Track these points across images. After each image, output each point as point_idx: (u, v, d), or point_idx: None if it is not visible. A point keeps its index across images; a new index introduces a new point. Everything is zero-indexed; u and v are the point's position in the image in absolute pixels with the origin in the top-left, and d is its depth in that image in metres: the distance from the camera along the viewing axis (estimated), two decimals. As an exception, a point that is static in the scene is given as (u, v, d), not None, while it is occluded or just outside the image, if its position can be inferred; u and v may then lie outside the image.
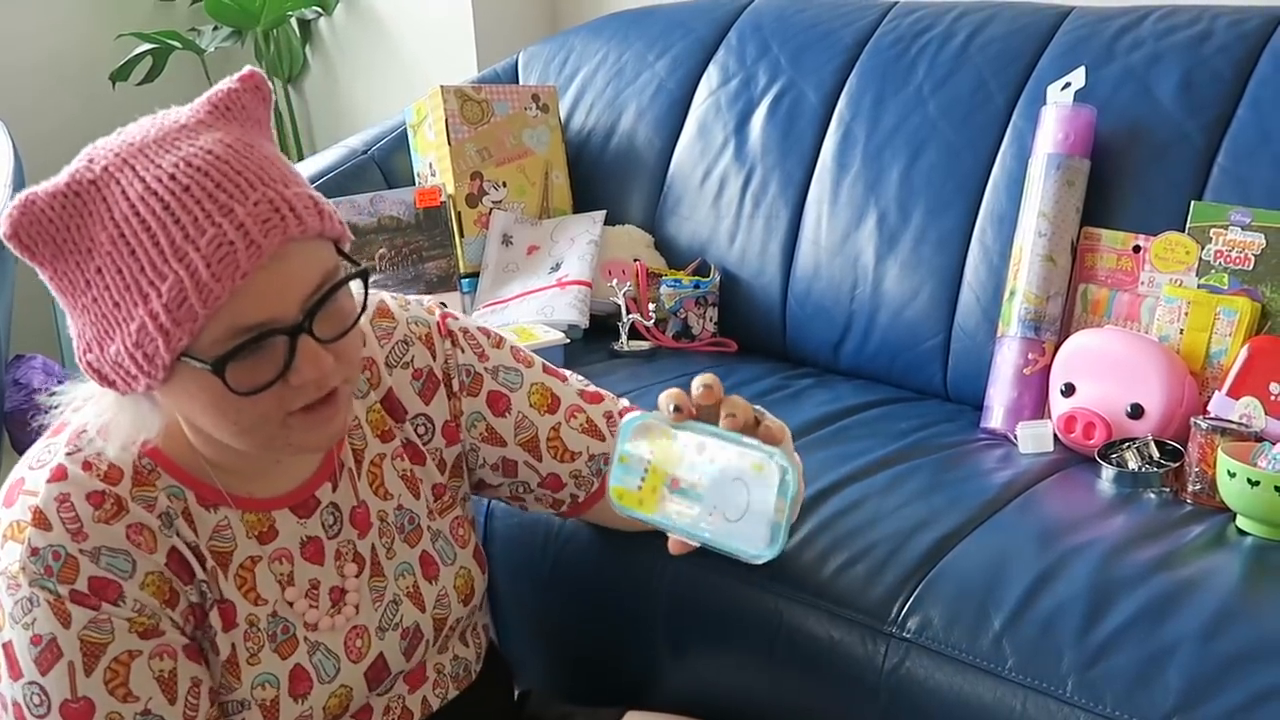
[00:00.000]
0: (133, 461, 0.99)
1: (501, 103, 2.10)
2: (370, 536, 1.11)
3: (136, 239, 0.87)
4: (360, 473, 1.12)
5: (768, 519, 0.84)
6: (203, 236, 0.87)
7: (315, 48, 3.15)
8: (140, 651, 0.96)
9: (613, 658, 1.46)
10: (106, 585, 0.95)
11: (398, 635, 1.12)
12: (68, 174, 0.90)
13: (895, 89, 1.85)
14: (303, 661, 1.06)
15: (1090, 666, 1.10)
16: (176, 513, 1.00)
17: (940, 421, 1.61)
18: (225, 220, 0.87)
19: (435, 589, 1.15)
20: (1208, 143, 1.58)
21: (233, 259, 0.87)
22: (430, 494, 1.17)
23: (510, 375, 1.20)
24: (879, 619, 1.22)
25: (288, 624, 1.05)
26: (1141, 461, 1.42)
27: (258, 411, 0.93)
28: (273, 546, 1.05)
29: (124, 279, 0.88)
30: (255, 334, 0.89)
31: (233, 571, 1.03)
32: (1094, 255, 1.60)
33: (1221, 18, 1.67)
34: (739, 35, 2.08)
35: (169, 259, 0.87)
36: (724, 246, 1.97)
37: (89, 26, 3.13)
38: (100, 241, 0.88)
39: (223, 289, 0.87)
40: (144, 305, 0.88)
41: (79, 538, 0.95)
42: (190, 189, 0.87)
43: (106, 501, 0.96)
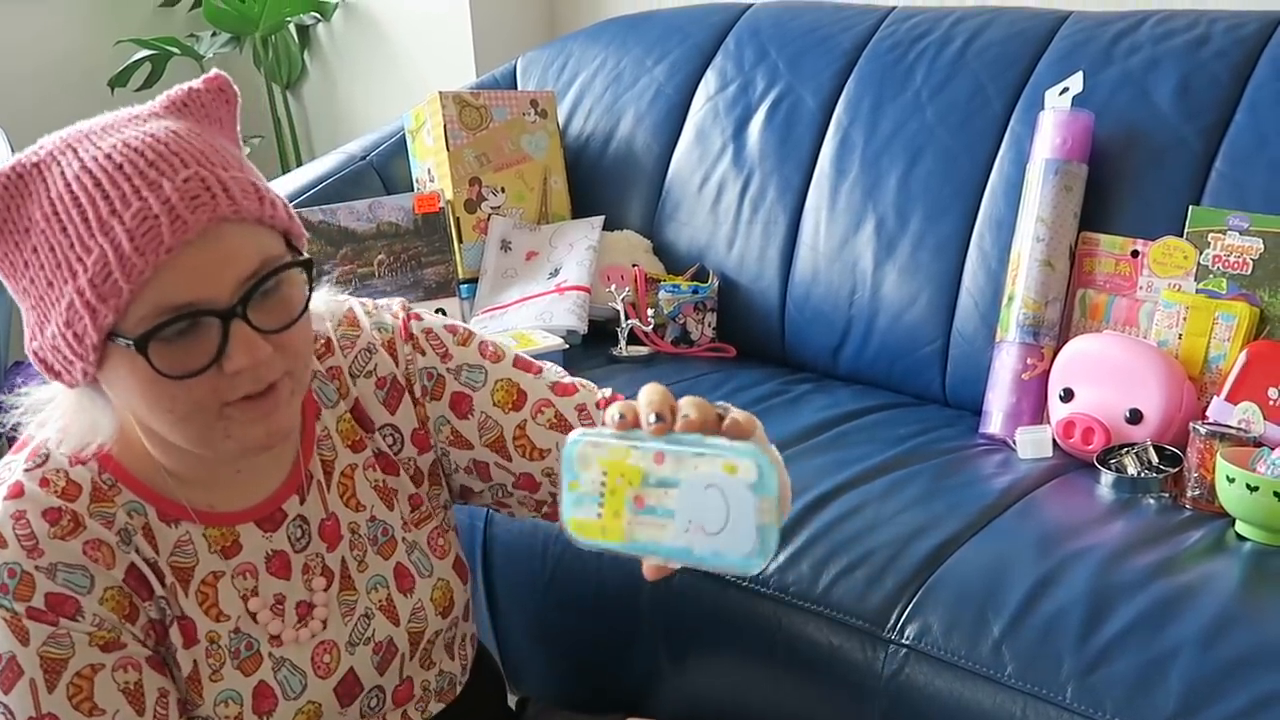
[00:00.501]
0: (92, 478, 0.98)
1: (500, 108, 2.10)
2: (340, 549, 1.09)
3: (68, 215, 0.87)
4: (330, 484, 1.09)
5: (753, 524, 0.74)
6: (128, 210, 0.86)
7: (314, 54, 3.15)
8: (103, 665, 0.95)
9: (612, 665, 1.46)
10: (64, 601, 0.94)
11: (369, 650, 1.09)
12: (14, 159, 0.90)
13: (893, 94, 1.85)
14: (267, 678, 1.04)
15: (1090, 672, 1.10)
16: (136, 529, 0.99)
17: (939, 427, 1.61)
18: (152, 195, 0.86)
19: (410, 601, 1.12)
20: (1205, 147, 1.58)
21: (156, 233, 0.85)
22: (406, 505, 1.14)
23: (473, 374, 1.14)
24: (878, 625, 1.22)
25: (251, 640, 1.03)
26: (1140, 467, 1.42)
27: (192, 399, 0.90)
28: (236, 561, 1.03)
29: (55, 256, 0.88)
30: (183, 313, 0.87)
31: (193, 588, 1.01)
32: (1092, 260, 1.60)
33: (1219, 22, 1.67)
34: (737, 40, 2.08)
35: (95, 233, 0.86)
36: (722, 252, 1.97)
37: (88, 32, 3.13)
38: (36, 220, 0.88)
39: (145, 263, 0.85)
40: (72, 282, 0.87)
41: (34, 554, 0.94)
42: (123, 166, 0.87)
43: (63, 518, 0.95)
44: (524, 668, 1.56)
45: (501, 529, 1.53)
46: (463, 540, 1.54)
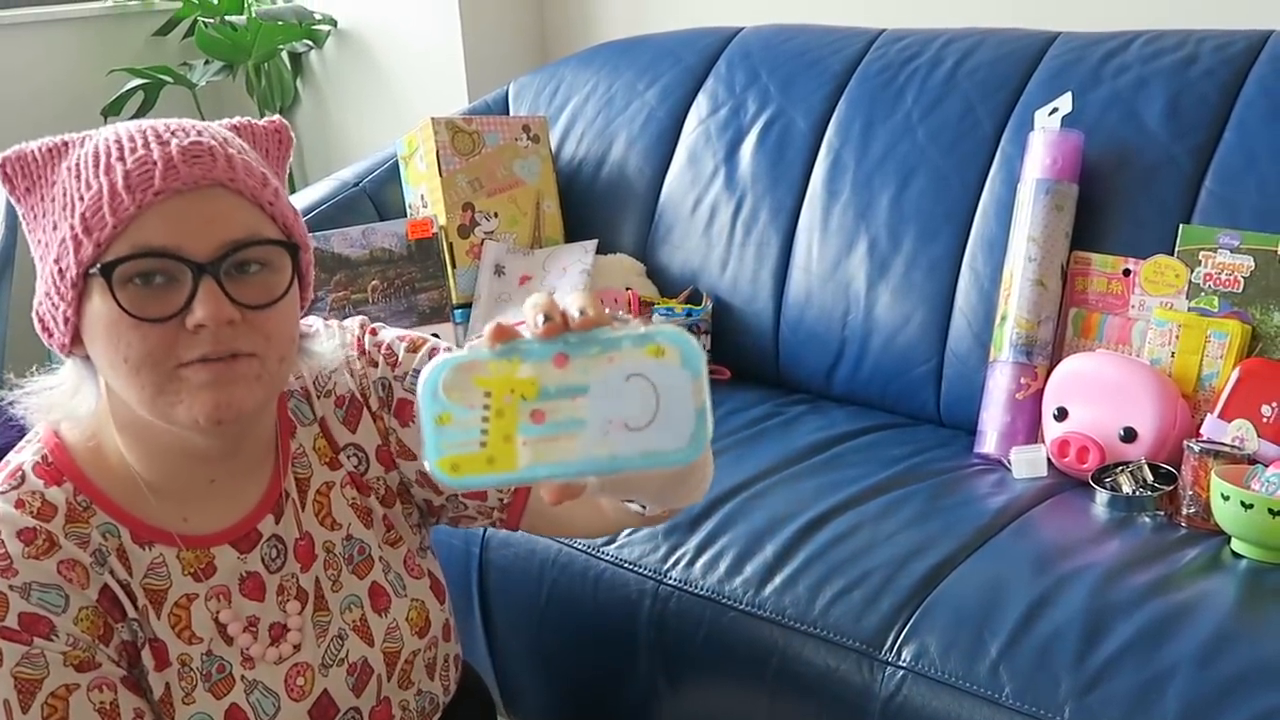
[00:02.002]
0: (67, 499, 0.98)
1: (492, 133, 2.11)
2: (314, 569, 1.08)
3: (84, 163, 0.94)
4: (305, 502, 1.09)
5: (690, 407, 0.65)
6: (132, 156, 0.92)
7: (306, 81, 3.16)
8: (78, 684, 0.95)
9: (610, 686, 1.45)
10: (37, 620, 0.94)
11: (344, 671, 1.08)
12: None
13: (884, 116, 1.86)
14: (239, 701, 1.03)
15: (1087, 692, 1.10)
16: (109, 550, 0.99)
17: (933, 447, 1.61)
18: (157, 147, 0.93)
19: (385, 621, 1.11)
20: (1195, 166, 1.58)
21: (149, 175, 0.91)
22: (381, 525, 1.13)
23: (417, 378, 1.10)
24: (875, 647, 1.22)
25: (223, 663, 1.03)
26: (1135, 485, 1.42)
27: (147, 347, 0.91)
28: (210, 584, 1.03)
29: (64, 198, 0.94)
30: (155, 253, 0.91)
31: (166, 610, 1.01)
32: (1084, 279, 1.61)
33: (1207, 41, 1.68)
34: (728, 64, 2.09)
35: (99, 174, 0.92)
36: (716, 274, 1.97)
37: (81, 61, 3.14)
38: (60, 172, 0.95)
39: (132, 201, 0.90)
40: (69, 219, 0.93)
41: (8, 574, 0.94)
42: (145, 130, 0.95)
43: (38, 538, 0.96)
44: (521, 691, 1.56)
45: (498, 553, 1.52)
46: (459, 565, 1.54)
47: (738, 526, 1.40)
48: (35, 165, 0.97)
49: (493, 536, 1.52)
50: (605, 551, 1.43)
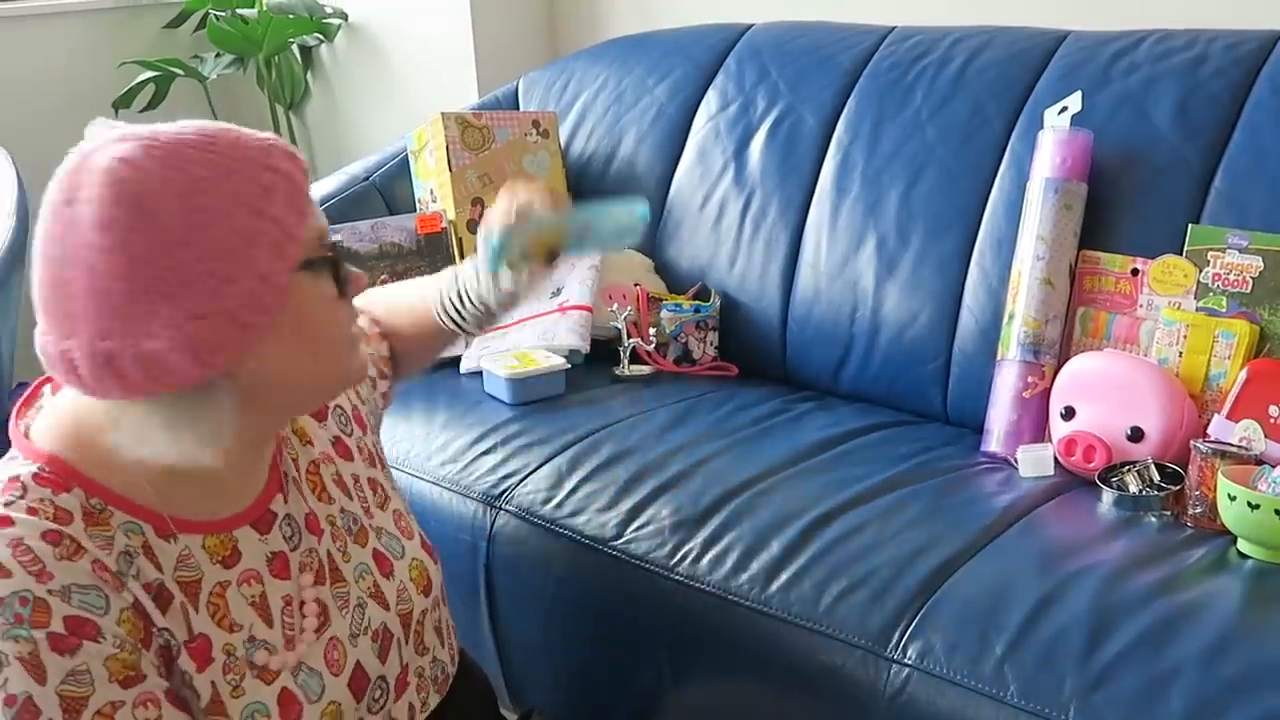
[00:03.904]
0: (80, 503, 0.94)
1: (502, 129, 2.11)
2: (325, 543, 1.10)
3: (227, 166, 0.91)
4: (301, 481, 1.11)
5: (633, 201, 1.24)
6: (271, 149, 0.94)
7: (317, 74, 3.17)
8: (123, 702, 0.91)
9: (616, 682, 1.46)
10: (83, 623, 0.90)
11: (369, 639, 1.10)
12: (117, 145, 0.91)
13: (893, 114, 1.86)
14: (288, 684, 1.03)
15: (1093, 691, 1.10)
16: (136, 549, 0.96)
17: (940, 445, 1.61)
18: (271, 139, 0.95)
19: (394, 584, 1.14)
20: (1204, 166, 1.58)
21: (298, 164, 0.95)
22: (368, 489, 1.17)
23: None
24: (880, 645, 1.23)
25: (267, 646, 1.02)
26: (1142, 485, 1.42)
27: (345, 321, 1.01)
28: (239, 569, 1.02)
29: (237, 201, 0.90)
30: (326, 239, 0.97)
31: (204, 601, 0.99)
32: (1092, 278, 1.61)
33: (1217, 41, 1.67)
34: (737, 60, 2.09)
35: (262, 172, 0.92)
36: (724, 271, 1.97)
37: (92, 54, 3.15)
38: (194, 181, 0.90)
39: (306, 190, 0.95)
40: (264, 219, 0.91)
41: (44, 578, 0.90)
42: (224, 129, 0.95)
43: (64, 540, 0.92)
44: (527, 684, 1.56)
45: (505, 547, 1.53)
46: (465, 559, 1.55)
47: (744, 523, 1.40)
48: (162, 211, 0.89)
49: (500, 532, 1.52)
50: (612, 546, 1.43)
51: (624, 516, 1.46)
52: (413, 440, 1.69)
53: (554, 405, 1.72)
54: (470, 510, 1.56)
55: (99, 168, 0.88)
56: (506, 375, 1.73)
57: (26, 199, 2.26)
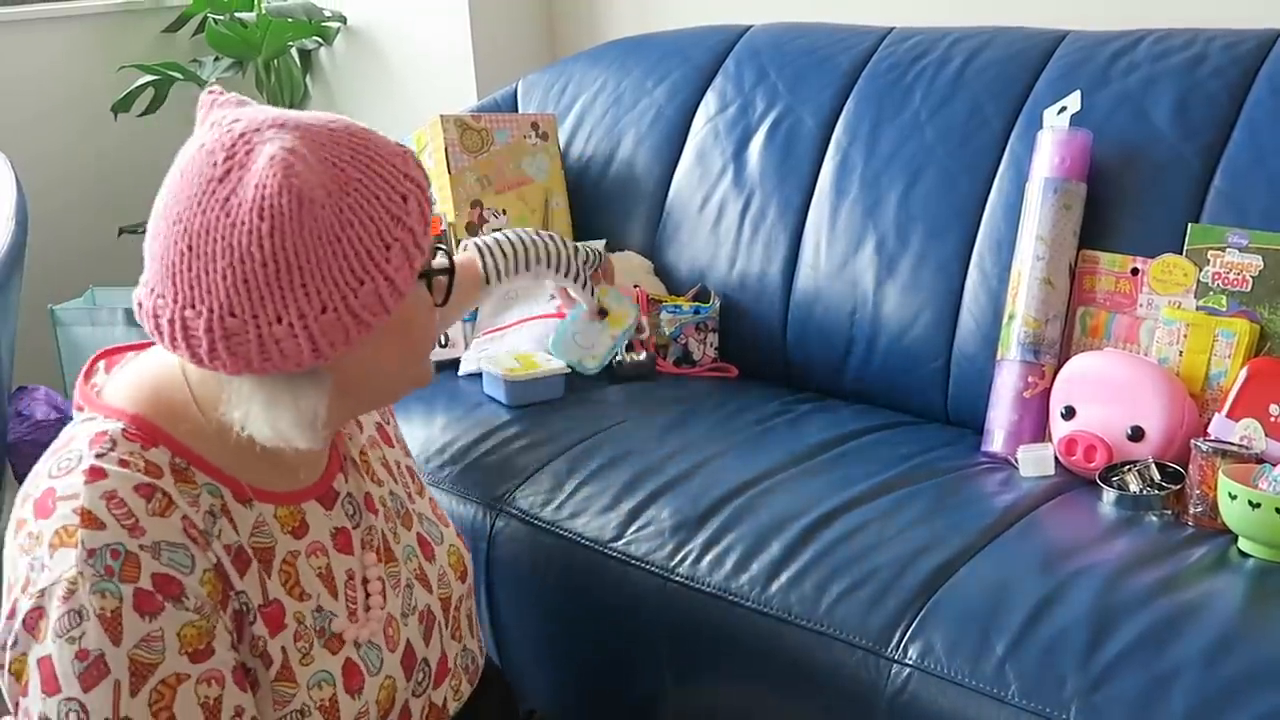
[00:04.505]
0: (169, 460, 0.97)
1: (501, 131, 2.11)
2: (380, 521, 1.13)
3: (373, 170, 0.94)
4: (357, 461, 1.15)
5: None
6: (407, 159, 0.97)
7: (316, 77, 3.17)
8: (189, 675, 0.93)
9: (616, 682, 1.46)
10: (169, 581, 0.92)
11: (416, 619, 1.13)
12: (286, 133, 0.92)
13: (892, 114, 1.86)
14: (352, 655, 1.05)
15: (1094, 691, 1.10)
16: (218, 511, 0.99)
17: (941, 445, 1.61)
18: (404, 149, 0.99)
19: (435, 569, 1.17)
20: (1204, 165, 1.58)
21: (426, 177, 0.99)
22: (407, 476, 1.22)
23: None
24: (881, 645, 1.22)
25: (333, 617, 1.05)
26: (1142, 484, 1.42)
27: (430, 333, 1.06)
28: (307, 540, 1.05)
29: (379, 206, 0.93)
30: (438, 251, 1.02)
31: (276, 568, 1.02)
32: (1092, 278, 1.61)
33: (1216, 40, 1.67)
34: (736, 62, 2.09)
35: (402, 181, 0.95)
36: (724, 272, 1.97)
37: (91, 58, 3.15)
38: (346, 182, 0.93)
39: (430, 202, 0.98)
40: (399, 226, 0.94)
41: (136, 532, 0.92)
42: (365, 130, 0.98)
43: (156, 494, 0.94)
44: (528, 685, 1.56)
45: (505, 549, 1.53)
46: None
47: (745, 523, 1.40)
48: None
49: (499, 532, 1.52)
50: (612, 547, 1.43)
51: (624, 518, 1.45)
52: (412, 442, 1.69)
53: (553, 407, 1.72)
54: (470, 512, 1.56)
55: (268, 154, 0.90)
56: (506, 377, 1.73)
57: (25, 203, 2.26)
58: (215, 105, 0.98)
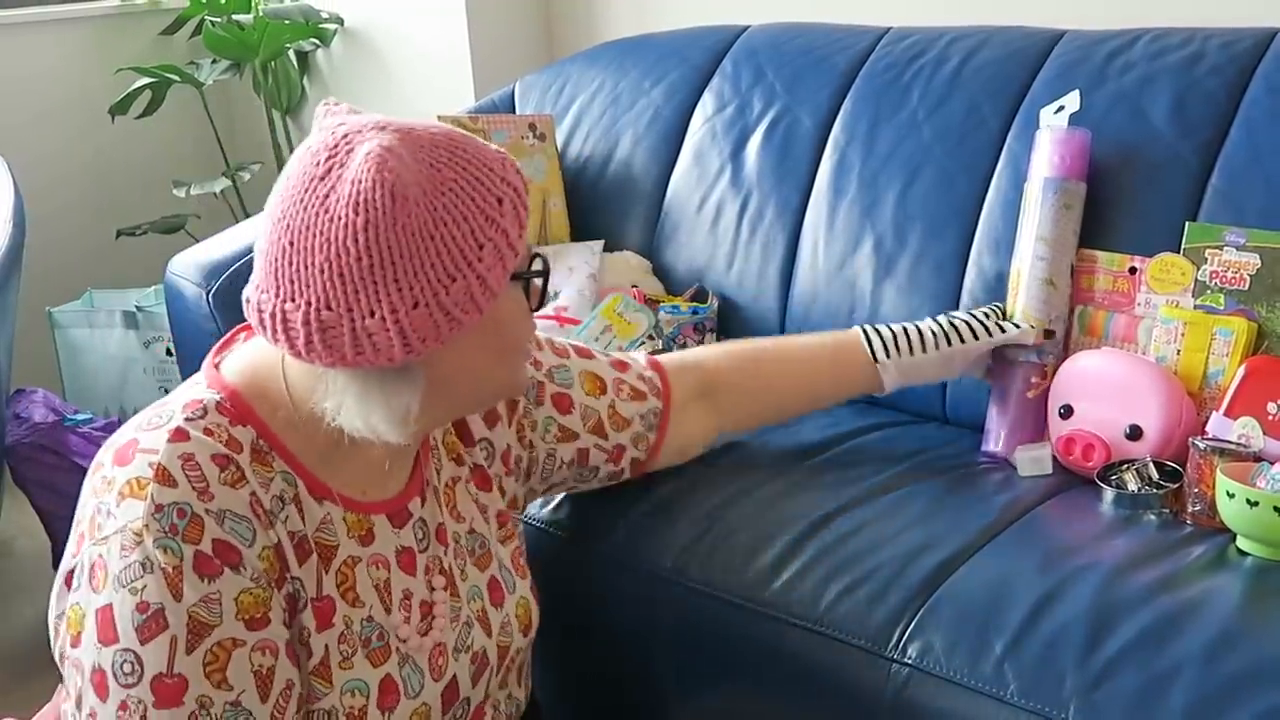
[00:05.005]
0: (252, 440, 1.00)
1: (499, 131, 2.11)
2: (449, 556, 1.13)
3: (469, 171, 0.95)
4: (440, 491, 1.15)
5: None
6: (505, 163, 0.98)
7: (313, 79, 3.17)
8: (244, 642, 0.95)
9: (617, 685, 1.46)
10: (229, 549, 0.95)
11: (468, 658, 1.13)
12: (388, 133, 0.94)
13: (890, 114, 1.86)
14: (393, 672, 1.06)
15: (1093, 690, 1.10)
16: (289, 498, 1.01)
17: (940, 445, 1.61)
18: (500, 153, 1.00)
19: (500, 615, 1.17)
20: (1201, 164, 1.58)
21: (522, 180, 1.00)
22: (495, 521, 1.21)
23: (562, 373, 1.30)
24: (880, 645, 1.22)
25: (382, 631, 1.06)
26: (1141, 483, 1.42)
27: (523, 338, 1.06)
28: (371, 550, 1.06)
29: (473, 206, 0.95)
30: (535, 255, 1.03)
31: (334, 567, 1.03)
32: (1090, 277, 1.61)
33: (1213, 39, 1.68)
34: (733, 62, 2.09)
35: (497, 183, 0.97)
36: (721, 272, 1.97)
37: (88, 60, 3.15)
38: (443, 181, 0.94)
39: (528, 207, 0.99)
40: (493, 226, 0.96)
41: (205, 497, 0.95)
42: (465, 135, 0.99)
43: (230, 465, 0.97)
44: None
45: (503, 551, 1.53)
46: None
47: (744, 523, 1.40)
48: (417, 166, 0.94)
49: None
50: (613, 547, 1.43)
51: (623, 518, 1.45)
52: (411, 444, 1.69)
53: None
54: (469, 513, 1.56)
55: (364, 151, 0.92)
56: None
57: (23, 205, 2.26)
58: (329, 114, 1.01)
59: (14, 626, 2.34)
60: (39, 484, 2.28)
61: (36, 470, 2.28)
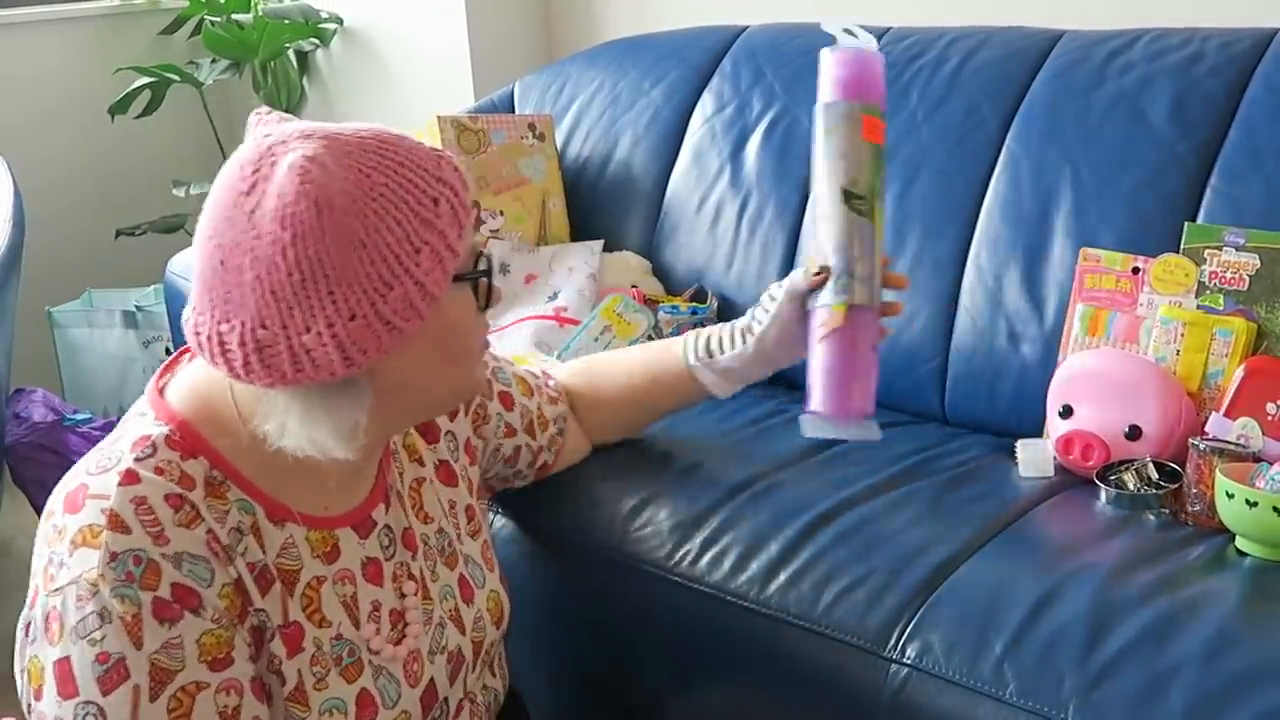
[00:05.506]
0: (205, 472, 0.98)
1: (498, 131, 2.11)
2: (418, 559, 1.13)
3: (401, 174, 0.93)
4: (404, 495, 1.14)
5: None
6: (441, 162, 0.96)
7: (313, 79, 3.17)
8: (208, 684, 0.94)
9: (615, 682, 1.46)
10: (188, 593, 0.93)
11: (444, 659, 1.13)
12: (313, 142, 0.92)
13: (889, 114, 1.85)
14: (368, 686, 1.05)
15: (1092, 690, 1.10)
16: (246, 528, 0.99)
17: (938, 445, 1.61)
18: (440, 152, 0.98)
19: (473, 612, 1.17)
20: (1200, 164, 1.58)
21: (463, 179, 0.97)
22: (463, 516, 1.21)
23: (501, 374, 1.33)
24: (879, 645, 1.22)
25: (353, 647, 1.05)
26: (1140, 483, 1.42)
27: (479, 335, 1.04)
28: (336, 567, 1.05)
29: (406, 210, 0.93)
30: (479, 253, 1.01)
31: (299, 591, 1.02)
32: (1093, 276, 1.61)
33: (1212, 40, 1.68)
34: (733, 62, 2.09)
35: (432, 184, 0.95)
36: (721, 272, 1.97)
37: (88, 60, 3.15)
38: (372, 187, 0.92)
39: (470, 205, 0.97)
40: (429, 229, 0.94)
41: (160, 541, 0.93)
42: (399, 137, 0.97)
43: (184, 505, 0.95)
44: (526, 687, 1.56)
45: (503, 550, 1.52)
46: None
47: (742, 523, 1.40)
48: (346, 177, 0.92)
49: (498, 532, 1.52)
50: (610, 547, 1.43)
51: (622, 518, 1.45)
52: (410, 444, 1.69)
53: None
54: (468, 513, 1.56)
55: (287, 162, 0.90)
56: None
57: (23, 205, 2.26)
58: (259, 123, 0.99)
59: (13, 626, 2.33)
60: (38, 484, 2.29)
61: (36, 470, 2.28)
